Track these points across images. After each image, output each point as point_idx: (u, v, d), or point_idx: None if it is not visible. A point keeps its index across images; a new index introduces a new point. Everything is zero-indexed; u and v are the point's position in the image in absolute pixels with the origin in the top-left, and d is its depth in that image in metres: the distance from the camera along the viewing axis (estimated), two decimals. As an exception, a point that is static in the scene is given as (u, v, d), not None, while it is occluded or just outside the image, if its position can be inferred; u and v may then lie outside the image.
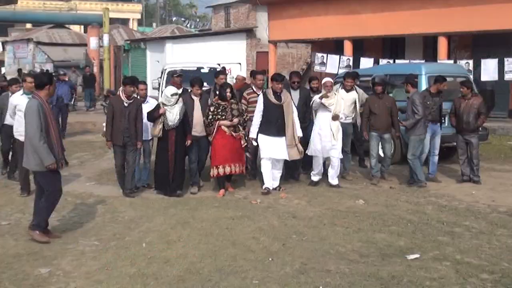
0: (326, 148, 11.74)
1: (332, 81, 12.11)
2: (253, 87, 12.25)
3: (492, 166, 14.21)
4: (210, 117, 11.15)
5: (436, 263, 7.35)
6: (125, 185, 11.17)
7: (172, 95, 10.93)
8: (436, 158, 12.72)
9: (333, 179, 11.93)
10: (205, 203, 10.48)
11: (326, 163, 12.16)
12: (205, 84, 12.37)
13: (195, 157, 11.59)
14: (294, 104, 11.86)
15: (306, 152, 11.91)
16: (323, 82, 11.99)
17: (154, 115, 11.05)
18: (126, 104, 10.90)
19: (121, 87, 11.24)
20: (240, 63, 32.22)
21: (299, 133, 11.44)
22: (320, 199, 10.87)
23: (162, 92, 16.33)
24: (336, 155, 11.83)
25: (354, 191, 11.53)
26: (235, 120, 11.14)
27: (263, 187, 11.40)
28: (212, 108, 11.19)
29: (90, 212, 9.92)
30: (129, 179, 11.14)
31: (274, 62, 29.01)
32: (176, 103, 10.98)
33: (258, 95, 11.83)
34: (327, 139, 11.70)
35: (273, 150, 11.32)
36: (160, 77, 18.28)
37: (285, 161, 11.67)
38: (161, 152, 11.18)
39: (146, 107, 11.38)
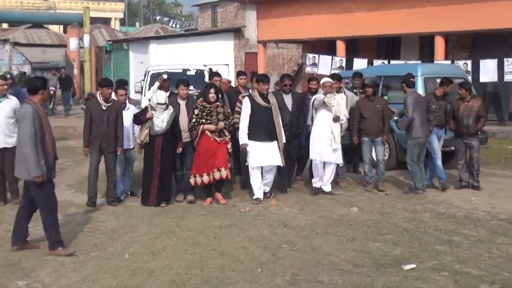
0: (325, 152, 11.71)
1: (332, 81, 12.11)
2: (250, 90, 12.11)
3: (492, 171, 14.26)
4: (194, 120, 11.01)
5: (434, 273, 7.36)
6: (107, 195, 11.13)
7: (158, 104, 10.86)
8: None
9: (326, 186, 11.93)
10: (191, 212, 10.47)
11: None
12: (191, 87, 12.32)
13: (180, 164, 11.49)
14: (288, 108, 11.86)
15: (311, 157, 11.95)
16: (322, 82, 12.00)
17: (141, 119, 10.99)
18: (104, 108, 10.79)
19: (99, 90, 11.15)
20: (228, 65, 32.31)
21: (284, 139, 11.40)
22: (312, 206, 10.88)
23: (145, 97, 16.30)
24: (335, 160, 11.82)
25: (348, 198, 11.54)
26: (221, 124, 11.01)
27: (254, 197, 11.31)
28: (196, 111, 11.03)
29: (70, 222, 9.88)
30: (111, 187, 11.08)
31: (264, 63, 29.09)
32: (166, 109, 10.93)
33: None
34: (327, 142, 11.67)
35: (265, 157, 11.23)
36: (143, 80, 18.21)
37: (277, 169, 11.61)
38: (147, 158, 11.11)
39: (126, 114, 11.28)
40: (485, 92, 20.37)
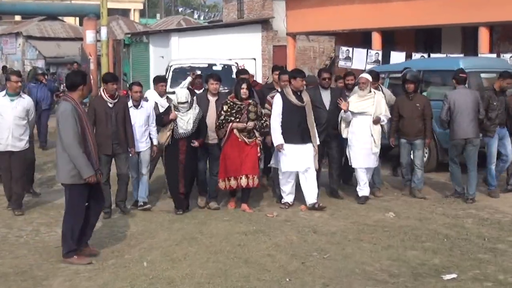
0: (364, 157, 11.58)
1: (369, 78, 11.80)
2: (279, 89, 11.84)
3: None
4: (222, 117, 10.78)
5: (476, 284, 7.34)
6: (117, 196, 10.95)
7: (179, 103, 10.73)
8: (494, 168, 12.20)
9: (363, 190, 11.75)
10: (214, 217, 10.50)
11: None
12: None
13: (204, 167, 11.42)
14: (325, 106, 11.62)
15: (354, 165, 11.71)
16: (358, 78, 11.80)
17: (164, 120, 10.84)
18: (111, 105, 10.46)
19: (102, 86, 10.87)
20: (255, 59, 32.20)
21: (317, 140, 11.19)
22: (345, 211, 10.86)
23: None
24: (373, 164, 11.76)
25: (383, 203, 11.50)
26: (250, 124, 10.80)
27: (282, 201, 11.22)
28: (225, 107, 10.79)
29: (85, 227, 9.96)
30: (123, 189, 10.92)
31: (293, 57, 29.02)
32: (190, 108, 10.78)
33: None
34: (366, 146, 11.53)
35: (297, 161, 10.97)
36: (165, 75, 18.20)
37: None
38: (170, 163, 10.98)
39: (139, 113, 11.11)
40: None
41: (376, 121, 11.55)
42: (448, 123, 11.83)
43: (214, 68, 17.71)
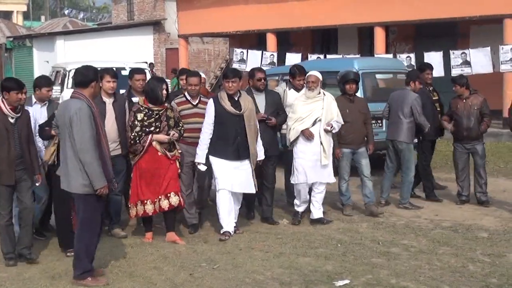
0: (312, 170, 10.40)
1: (319, 76, 10.51)
2: (186, 94, 10.34)
3: (437, 175, 14.45)
4: (138, 129, 9.27)
5: (368, 289, 7.48)
6: (20, 240, 8.73)
7: None
8: None
9: (317, 210, 10.71)
10: (100, 229, 10.31)
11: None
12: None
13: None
14: (260, 112, 10.45)
15: (293, 181, 10.58)
16: (306, 77, 10.62)
17: (46, 132, 8.99)
18: (12, 120, 8.41)
19: (1, 96, 8.62)
20: (147, 62, 32.16)
21: (261, 155, 10.06)
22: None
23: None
24: (327, 179, 10.59)
25: (277, 210, 11.42)
26: (175, 134, 9.40)
27: (222, 231, 9.80)
28: (140, 116, 9.27)
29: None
30: (29, 233, 8.75)
31: (186, 60, 29.07)
32: None
33: (194, 105, 10.12)
34: (314, 158, 10.38)
35: (233, 181, 9.75)
36: (61, 83, 17.07)
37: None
38: (57, 189, 8.43)
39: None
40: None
41: (327, 128, 10.47)
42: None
43: (123, 72, 16.23)
